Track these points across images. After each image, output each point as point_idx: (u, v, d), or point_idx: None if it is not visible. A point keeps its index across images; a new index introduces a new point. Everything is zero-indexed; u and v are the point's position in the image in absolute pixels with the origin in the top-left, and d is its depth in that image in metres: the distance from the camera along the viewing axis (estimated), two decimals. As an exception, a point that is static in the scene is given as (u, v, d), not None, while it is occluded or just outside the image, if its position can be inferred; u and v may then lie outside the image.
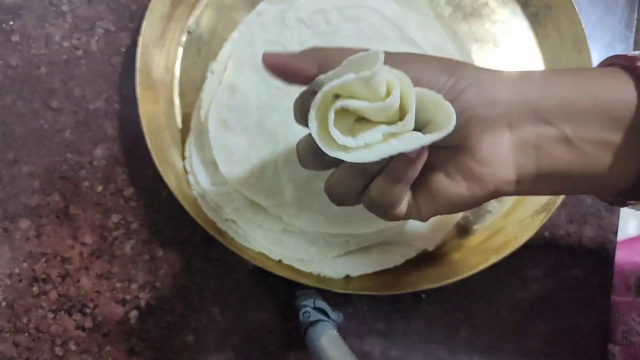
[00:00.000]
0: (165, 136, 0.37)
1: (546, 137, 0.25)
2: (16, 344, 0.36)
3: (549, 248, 0.39)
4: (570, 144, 0.25)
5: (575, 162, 0.25)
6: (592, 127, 0.24)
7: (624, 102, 0.24)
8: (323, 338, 0.30)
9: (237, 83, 0.36)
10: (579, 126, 0.24)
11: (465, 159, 0.25)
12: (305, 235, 0.35)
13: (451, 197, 0.25)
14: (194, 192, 0.36)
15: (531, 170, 0.25)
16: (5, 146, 0.38)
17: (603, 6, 0.42)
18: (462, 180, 0.25)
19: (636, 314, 0.37)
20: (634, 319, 0.37)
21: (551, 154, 0.25)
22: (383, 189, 0.25)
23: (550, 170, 0.25)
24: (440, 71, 0.24)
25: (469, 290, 0.38)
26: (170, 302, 0.36)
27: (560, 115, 0.25)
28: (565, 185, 0.27)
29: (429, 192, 0.26)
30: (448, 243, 0.38)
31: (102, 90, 0.39)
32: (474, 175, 0.25)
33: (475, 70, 0.25)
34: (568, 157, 0.25)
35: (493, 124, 0.24)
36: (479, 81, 0.24)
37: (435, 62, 0.25)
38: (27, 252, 0.37)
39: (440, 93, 0.23)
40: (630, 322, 0.37)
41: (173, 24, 0.38)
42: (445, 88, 0.24)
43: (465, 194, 0.25)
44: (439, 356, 0.37)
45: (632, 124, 0.24)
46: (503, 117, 0.24)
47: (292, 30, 0.37)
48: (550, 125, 0.25)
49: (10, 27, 0.39)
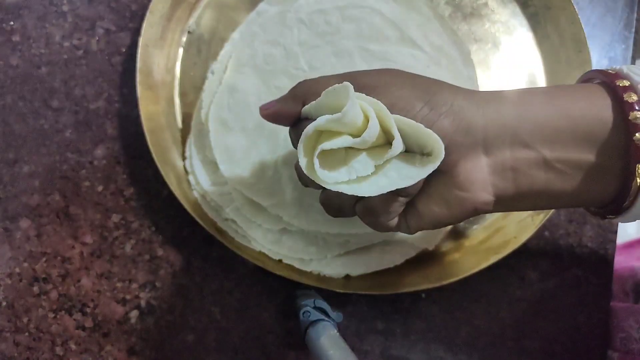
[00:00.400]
0: (166, 136, 0.37)
1: (524, 160, 0.25)
2: (17, 343, 0.36)
3: (548, 248, 0.39)
4: (548, 165, 0.25)
5: (553, 182, 0.25)
6: (569, 148, 0.25)
7: (602, 121, 0.24)
8: (323, 337, 0.30)
9: (238, 83, 0.36)
10: (557, 148, 0.25)
11: (444, 183, 0.26)
12: (305, 235, 0.35)
13: (434, 217, 0.26)
14: (194, 192, 0.36)
15: (509, 191, 0.26)
16: (5, 146, 0.38)
17: (603, 6, 0.43)
18: (443, 203, 0.26)
19: (634, 320, 0.37)
20: (631, 325, 0.37)
21: (529, 175, 0.25)
22: (385, 201, 0.25)
23: (529, 190, 0.26)
24: (415, 97, 0.25)
25: (469, 290, 0.38)
26: (171, 302, 0.37)
27: (538, 138, 0.25)
28: (544, 203, 0.27)
29: (416, 209, 0.27)
30: (448, 243, 0.38)
31: (103, 90, 0.39)
32: (453, 198, 0.26)
33: (451, 95, 0.25)
34: (545, 177, 0.25)
35: (469, 150, 0.25)
36: (454, 108, 0.25)
37: (410, 86, 0.25)
38: (28, 251, 0.37)
39: (416, 119, 0.24)
40: (628, 328, 0.37)
41: (173, 24, 0.38)
42: (420, 115, 0.24)
43: (446, 214, 0.26)
44: (439, 356, 0.37)
45: (609, 143, 0.24)
46: (479, 143, 0.25)
47: (292, 31, 0.37)
48: (528, 149, 0.25)
49: (10, 27, 0.39)
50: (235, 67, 0.37)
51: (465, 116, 0.25)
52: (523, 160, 0.25)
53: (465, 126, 0.25)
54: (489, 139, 0.25)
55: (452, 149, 0.24)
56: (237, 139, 0.36)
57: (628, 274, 0.41)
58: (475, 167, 0.25)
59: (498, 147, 0.25)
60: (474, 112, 0.25)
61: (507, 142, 0.25)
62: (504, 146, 0.25)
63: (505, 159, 0.25)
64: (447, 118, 0.24)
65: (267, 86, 0.37)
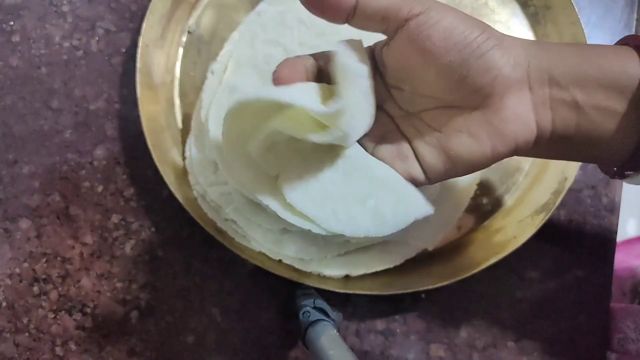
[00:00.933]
0: (166, 136, 0.37)
1: (559, 100, 0.26)
2: (17, 344, 0.36)
3: (548, 248, 0.39)
4: (580, 109, 0.26)
5: (582, 127, 0.27)
6: (599, 95, 0.26)
7: (628, 75, 0.26)
8: (323, 338, 0.30)
9: (238, 83, 0.36)
10: (587, 93, 0.26)
11: (487, 117, 0.26)
12: (305, 235, 0.35)
13: (469, 155, 0.27)
14: (194, 192, 0.36)
15: (547, 131, 0.27)
16: (5, 146, 0.38)
17: (602, 6, 0.43)
18: (486, 139, 0.26)
19: (631, 320, 0.37)
20: (629, 326, 0.37)
21: (563, 116, 0.27)
22: None
23: (563, 133, 0.27)
24: (473, 25, 0.26)
25: (469, 290, 0.38)
26: (171, 302, 0.37)
27: (570, 80, 0.26)
28: (574, 150, 0.28)
29: (443, 149, 0.28)
30: (448, 243, 0.38)
31: (103, 91, 0.39)
32: (498, 132, 0.26)
33: (500, 34, 0.26)
34: (577, 120, 0.26)
35: (516, 84, 0.26)
36: (504, 44, 0.26)
37: (465, 16, 0.26)
38: (28, 252, 0.37)
39: (472, 46, 0.25)
40: (625, 329, 0.37)
41: (173, 25, 0.38)
42: (477, 42, 0.25)
43: (488, 152, 0.27)
44: (439, 356, 0.37)
45: (634, 96, 0.26)
46: (524, 79, 0.26)
47: (292, 31, 0.37)
48: (563, 90, 0.26)
49: (10, 28, 0.39)
50: (235, 67, 0.37)
51: (513, 52, 0.26)
52: (559, 100, 0.26)
53: (513, 62, 0.26)
54: (532, 76, 0.26)
55: (500, 82, 0.25)
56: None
57: (627, 275, 0.41)
58: (521, 102, 0.26)
59: (539, 85, 0.26)
60: (519, 50, 0.26)
61: (545, 81, 0.26)
62: (543, 85, 0.26)
63: (545, 97, 0.26)
64: (498, 50, 0.25)
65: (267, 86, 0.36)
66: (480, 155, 0.27)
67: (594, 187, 0.40)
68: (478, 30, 0.25)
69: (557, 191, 0.37)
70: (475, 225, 0.38)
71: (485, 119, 0.26)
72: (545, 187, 0.38)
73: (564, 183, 0.37)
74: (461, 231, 0.38)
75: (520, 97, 0.26)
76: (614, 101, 0.26)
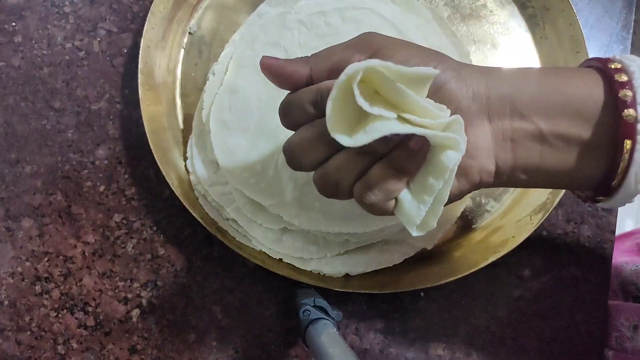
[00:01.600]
0: (167, 136, 0.37)
1: (521, 131, 0.26)
2: (19, 342, 0.36)
3: (546, 247, 0.39)
4: (543, 139, 0.26)
5: (547, 156, 0.26)
6: (563, 122, 0.25)
7: (593, 99, 0.25)
8: (323, 336, 0.30)
9: (238, 84, 0.37)
10: (551, 121, 0.25)
11: None
12: (305, 235, 0.36)
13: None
14: (196, 192, 0.37)
15: (508, 163, 0.26)
16: (8, 146, 0.38)
17: (601, 8, 0.43)
18: None
19: (624, 318, 0.37)
20: (623, 323, 0.37)
21: (525, 147, 0.26)
22: (383, 176, 0.25)
23: (525, 164, 0.26)
24: (428, 57, 0.25)
25: (467, 288, 0.38)
26: (172, 301, 0.37)
27: (533, 110, 0.26)
28: (539, 179, 0.27)
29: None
30: (447, 242, 0.38)
31: (104, 91, 0.39)
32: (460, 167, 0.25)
33: (457, 64, 0.26)
34: (540, 150, 0.26)
35: (475, 116, 0.25)
36: (462, 75, 0.25)
37: (419, 49, 0.26)
38: (30, 251, 0.37)
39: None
40: (620, 327, 0.37)
41: (175, 26, 0.39)
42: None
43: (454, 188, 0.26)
44: (438, 354, 0.37)
45: (600, 120, 0.25)
46: (483, 110, 0.25)
47: (293, 32, 0.37)
48: (525, 120, 0.26)
49: (13, 28, 0.39)
50: (236, 68, 0.37)
51: (472, 83, 0.25)
52: (521, 131, 0.26)
53: (472, 93, 0.25)
54: (492, 107, 0.26)
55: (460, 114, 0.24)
56: (237, 140, 0.36)
57: (613, 273, 0.41)
58: (481, 134, 0.26)
59: (499, 116, 0.26)
60: (478, 80, 0.26)
61: (506, 112, 0.26)
62: (504, 116, 0.26)
63: (506, 129, 0.26)
64: (457, 82, 0.25)
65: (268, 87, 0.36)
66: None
67: (592, 187, 0.40)
68: (434, 62, 0.25)
69: (555, 191, 0.37)
70: (473, 225, 0.39)
71: None
72: (543, 187, 0.38)
73: (561, 183, 0.37)
74: (460, 231, 0.38)
75: (482, 129, 0.26)
76: (578, 128, 0.25)
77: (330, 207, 0.34)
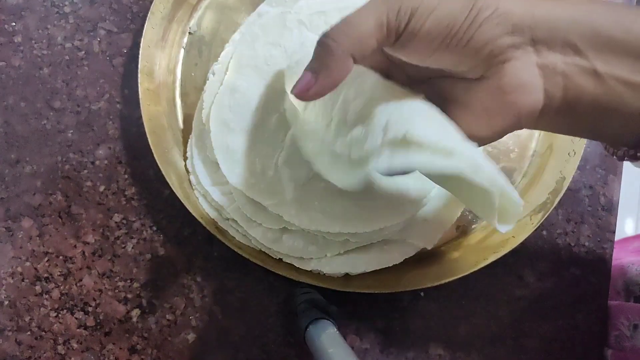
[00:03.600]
0: (167, 136, 0.37)
1: (575, 67, 0.23)
2: (19, 342, 0.36)
3: (546, 247, 0.39)
4: (599, 78, 0.23)
5: (601, 97, 0.23)
6: (623, 65, 0.23)
7: None
8: (323, 336, 0.30)
9: (238, 84, 0.37)
10: (610, 62, 0.23)
11: (487, 89, 0.24)
12: (305, 234, 0.36)
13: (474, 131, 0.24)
14: (196, 192, 0.37)
15: (557, 99, 0.24)
16: (8, 146, 0.38)
17: (600, 8, 0.43)
18: (483, 113, 0.24)
19: (624, 317, 0.37)
20: (623, 323, 0.37)
21: (579, 84, 0.23)
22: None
23: (576, 102, 0.24)
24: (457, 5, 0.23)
25: (467, 288, 0.38)
26: (172, 301, 0.37)
27: (591, 46, 0.23)
28: (586, 123, 0.25)
29: None
30: (447, 242, 0.38)
31: (104, 91, 0.39)
32: (496, 105, 0.24)
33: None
34: (594, 90, 0.23)
35: (515, 50, 0.23)
36: (499, 11, 0.23)
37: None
38: (30, 251, 0.37)
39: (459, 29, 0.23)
40: (620, 326, 0.37)
41: (174, 26, 0.39)
42: (464, 26, 0.23)
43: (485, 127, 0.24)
44: (438, 354, 0.37)
45: None
46: (527, 43, 0.23)
47: (293, 32, 0.37)
48: (580, 56, 0.23)
49: (13, 28, 0.39)
50: (236, 68, 0.37)
51: (512, 16, 0.23)
52: (574, 67, 0.23)
53: (513, 26, 0.23)
54: (539, 38, 0.23)
55: (497, 52, 0.23)
56: (237, 139, 0.36)
57: (618, 273, 0.41)
58: (525, 67, 0.23)
59: (549, 49, 0.23)
60: (521, 10, 0.23)
61: (558, 45, 0.23)
62: (555, 48, 0.23)
63: (557, 63, 0.23)
64: (492, 20, 0.23)
65: (268, 87, 0.37)
66: (477, 129, 0.24)
67: (592, 186, 0.40)
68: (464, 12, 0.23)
69: (555, 191, 0.37)
70: (474, 225, 0.39)
71: (484, 90, 0.24)
72: (543, 186, 0.38)
73: (562, 183, 0.37)
74: (460, 230, 0.38)
75: (525, 62, 0.23)
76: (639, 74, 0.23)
77: (331, 207, 0.35)
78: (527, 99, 0.24)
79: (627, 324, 0.37)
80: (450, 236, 0.38)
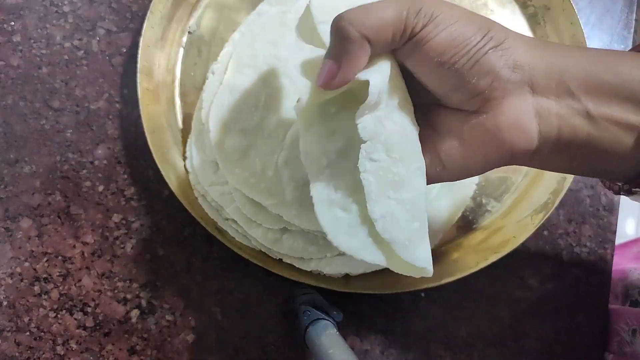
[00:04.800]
0: (166, 136, 0.37)
1: (568, 108, 0.24)
2: (17, 343, 0.36)
3: (547, 248, 0.39)
4: (591, 119, 0.24)
5: (593, 136, 0.24)
6: (614, 106, 0.24)
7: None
8: (323, 337, 0.30)
9: (238, 83, 0.36)
10: (602, 103, 0.24)
11: (483, 123, 0.25)
12: (305, 235, 0.35)
13: (463, 163, 0.25)
14: (195, 192, 0.36)
15: (551, 139, 0.25)
16: (6, 146, 0.38)
17: (602, 7, 0.43)
18: (478, 146, 0.25)
19: (624, 322, 0.37)
20: (622, 328, 0.37)
21: (573, 124, 0.24)
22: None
23: (570, 140, 0.25)
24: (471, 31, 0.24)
25: (468, 289, 0.38)
26: (171, 301, 0.37)
27: (583, 89, 0.24)
28: (580, 161, 0.26)
29: (439, 156, 0.26)
30: (447, 243, 0.38)
31: (103, 91, 0.39)
32: (491, 140, 0.24)
33: (503, 32, 0.25)
34: (588, 130, 0.24)
35: (516, 87, 0.24)
36: (505, 45, 0.24)
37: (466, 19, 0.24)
38: (29, 251, 0.37)
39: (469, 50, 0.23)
40: (620, 331, 0.37)
41: (174, 25, 0.39)
42: (474, 50, 0.24)
43: (479, 159, 0.25)
44: (439, 355, 0.37)
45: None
46: (526, 82, 0.24)
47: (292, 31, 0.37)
48: (573, 98, 0.24)
49: (11, 28, 0.39)
50: (235, 68, 0.37)
51: (515, 53, 0.24)
52: (568, 109, 0.24)
53: (514, 63, 0.24)
54: (536, 80, 0.24)
55: (497, 85, 0.24)
56: (237, 139, 0.36)
57: (619, 277, 0.41)
58: (522, 107, 0.24)
59: (544, 90, 0.24)
60: (523, 51, 0.24)
61: (553, 87, 0.24)
62: (550, 90, 0.24)
63: (551, 104, 0.24)
64: (497, 52, 0.24)
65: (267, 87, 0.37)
66: (471, 161, 0.25)
67: (593, 187, 0.40)
68: (479, 34, 0.24)
69: (556, 191, 0.37)
70: (474, 226, 0.39)
71: (480, 124, 0.25)
72: (544, 186, 0.38)
73: (563, 183, 0.37)
74: (460, 231, 0.38)
75: (521, 101, 0.24)
76: (630, 114, 0.24)
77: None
78: (522, 140, 0.25)
79: (627, 329, 0.37)
80: (451, 237, 0.38)
